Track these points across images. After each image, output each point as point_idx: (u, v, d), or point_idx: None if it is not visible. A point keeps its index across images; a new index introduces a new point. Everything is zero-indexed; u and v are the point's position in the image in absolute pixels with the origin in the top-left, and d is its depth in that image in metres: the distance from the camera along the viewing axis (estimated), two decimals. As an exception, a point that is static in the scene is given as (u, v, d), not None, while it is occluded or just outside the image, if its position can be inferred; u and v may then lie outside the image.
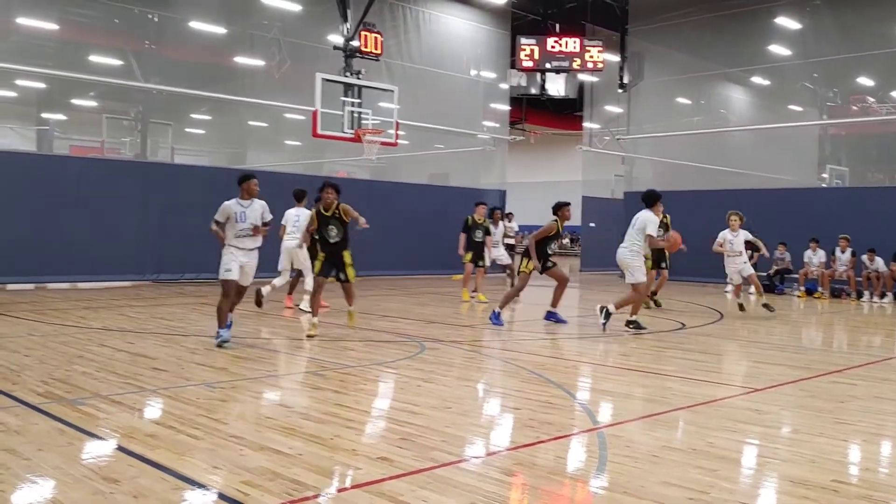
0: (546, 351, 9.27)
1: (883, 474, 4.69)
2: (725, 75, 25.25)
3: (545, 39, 22.52)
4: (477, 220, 14.47)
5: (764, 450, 5.07)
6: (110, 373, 7.01)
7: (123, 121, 20.27)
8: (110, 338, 9.18)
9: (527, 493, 4.17)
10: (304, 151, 23.53)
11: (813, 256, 17.96)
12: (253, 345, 9.00)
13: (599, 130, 26.62)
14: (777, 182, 22.70)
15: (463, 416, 5.85)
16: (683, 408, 6.23)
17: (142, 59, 18.77)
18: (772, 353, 9.52)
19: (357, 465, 4.46)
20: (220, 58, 21.12)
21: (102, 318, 11.10)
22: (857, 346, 11.07)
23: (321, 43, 20.22)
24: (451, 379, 7.38)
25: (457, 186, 23.06)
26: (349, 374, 7.35)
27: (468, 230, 14.42)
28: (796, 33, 22.73)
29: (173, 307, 12.79)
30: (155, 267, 17.13)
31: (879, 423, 5.93)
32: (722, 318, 13.04)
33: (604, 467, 4.52)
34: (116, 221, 16.50)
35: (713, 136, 24.57)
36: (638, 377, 7.71)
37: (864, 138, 23.93)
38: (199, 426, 5.21)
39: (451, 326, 11.38)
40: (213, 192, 17.71)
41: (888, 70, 21.77)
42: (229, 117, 22.14)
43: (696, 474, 4.40)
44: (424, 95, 22.01)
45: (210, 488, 4.01)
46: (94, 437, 4.95)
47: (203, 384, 6.62)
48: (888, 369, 8.54)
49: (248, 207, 8.85)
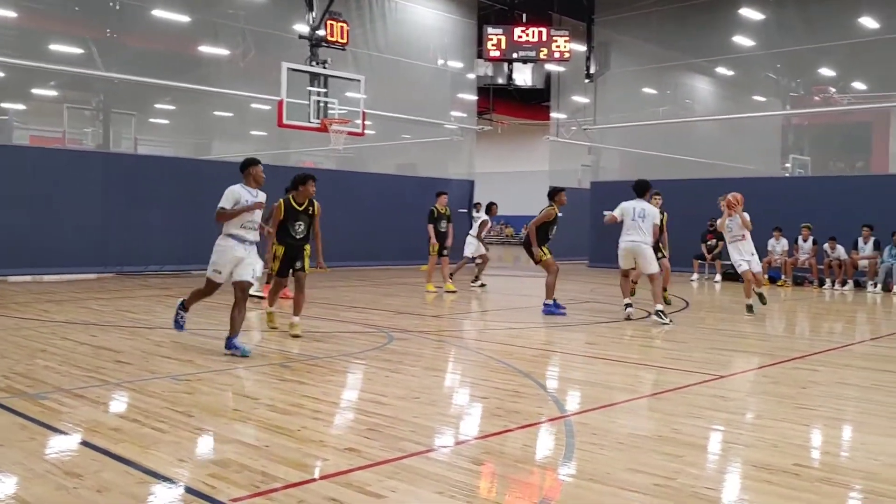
0: (514, 340, 9.31)
1: (843, 458, 4.78)
2: (691, 66, 25.48)
3: (512, 29, 22.54)
4: (441, 211, 14.48)
5: (728, 435, 5.14)
6: (73, 366, 6.91)
7: (85, 110, 19.93)
8: (73, 331, 9.04)
9: (495, 481, 4.18)
10: (269, 141, 23.33)
11: (776, 245, 18.23)
12: (219, 337, 8.91)
13: (566, 120, 26.72)
14: (741, 171, 23.00)
15: (431, 406, 5.85)
16: (650, 395, 6.29)
17: (103, 47, 18.44)
18: (736, 341, 9.65)
19: (324, 457, 4.44)
20: (184, 47, 20.82)
21: (65, 311, 10.93)
22: (818, 332, 11.26)
23: (287, 32, 20.04)
24: (419, 369, 7.38)
25: (424, 177, 23.02)
26: (316, 366, 7.31)
27: (434, 221, 14.42)
28: (760, 24, 23.00)
29: (137, 300, 12.64)
30: (118, 259, 16.90)
31: (840, 408, 6.04)
32: (688, 307, 13.18)
33: (571, 455, 4.55)
34: (79, 213, 16.25)
35: (679, 126, 24.80)
36: (605, 365, 7.77)
37: (826, 128, 24.32)
38: (164, 419, 5.16)
39: (419, 317, 11.38)
40: (177, 183, 17.71)
41: (850, 61, 22.13)
42: (194, 107, 21.86)
43: (662, 461, 4.45)
44: (391, 85, 21.93)
45: (176, 481, 3.97)
46: (57, 431, 4.87)
47: (168, 377, 6.55)
48: (849, 355, 8.70)
49: (257, 197, 7.73)
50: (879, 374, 7.41)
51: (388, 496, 3.80)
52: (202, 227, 17.63)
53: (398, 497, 3.80)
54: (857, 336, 11.01)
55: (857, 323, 12.57)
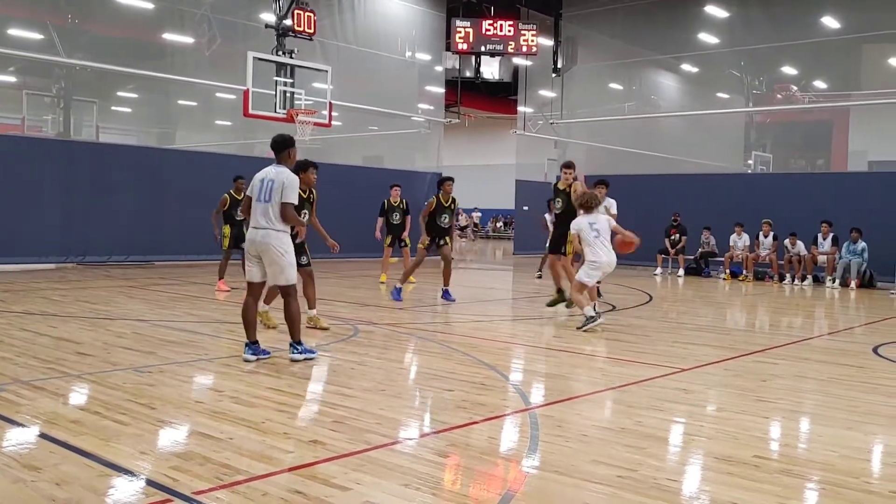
0: (479, 333, 9.33)
1: (802, 450, 4.87)
2: (656, 62, 25.72)
3: (480, 22, 22.55)
4: (393, 203, 14.57)
5: (690, 428, 5.21)
6: (32, 357, 6.78)
7: (45, 97, 19.52)
8: (32, 322, 8.87)
9: (460, 473, 4.19)
10: (235, 132, 23.11)
11: (738, 240, 18.48)
12: (183, 328, 8.82)
13: (533, 114, 26.82)
14: (705, 167, 23.28)
15: (396, 399, 5.85)
16: (613, 388, 6.35)
17: (64, 33, 18.05)
18: (698, 334, 9.78)
19: (288, 449, 4.42)
20: (147, 34, 20.48)
21: (23, 301, 10.72)
22: (778, 327, 11.44)
23: (253, 21, 19.83)
24: (384, 361, 7.36)
25: (391, 169, 22.94)
26: (281, 358, 7.26)
27: (385, 213, 14.56)
28: (725, 22, 23.30)
29: (99, 290, 12.44)
30: (80, 249, 16.62)
31: (799, 400, 6.16)
32: (651, 301, 13.32)
33: (536, 447, 4.58)
34: (38, 202, 15.94)
35: (644, 122, 25.04)
36: (569, 358, 7.82)
37: (788, 126, 24.73)
38: (125, 411, 5.09)
39: (384, 309, 11.35)
40: (140, 172, 17.45)
41: (811, 60, 22.50)
42: (157, 95, 21.54)
43: (626, 452, 4.50)
44: (359, 76, 21.82)
45: (137, 474, 3.92)
46: (15, 423, 4.78)
47: (130, 369, 6.46)
48: (807, 349, 8.86)
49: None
50: (837, 368, 7.55)
51: (354, 488, 3.79)
52: (166, 217, 17.57)
53: (363, 489, 3.79)
54: (816, 330, 11.22)
55: (815, 318, 12.80)
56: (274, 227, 6.72)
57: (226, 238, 12.67)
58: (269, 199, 6.70)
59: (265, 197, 6.72)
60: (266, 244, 6.73)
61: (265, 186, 6.75)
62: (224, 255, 12.83)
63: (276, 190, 6.68)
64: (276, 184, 6.69)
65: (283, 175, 6.74)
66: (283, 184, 6.68)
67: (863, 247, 16.74)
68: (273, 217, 6.71)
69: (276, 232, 6.73)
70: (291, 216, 6.75)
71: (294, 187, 6.72)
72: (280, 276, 6.84)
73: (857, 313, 13.24)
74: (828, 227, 17.26)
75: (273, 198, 6.69)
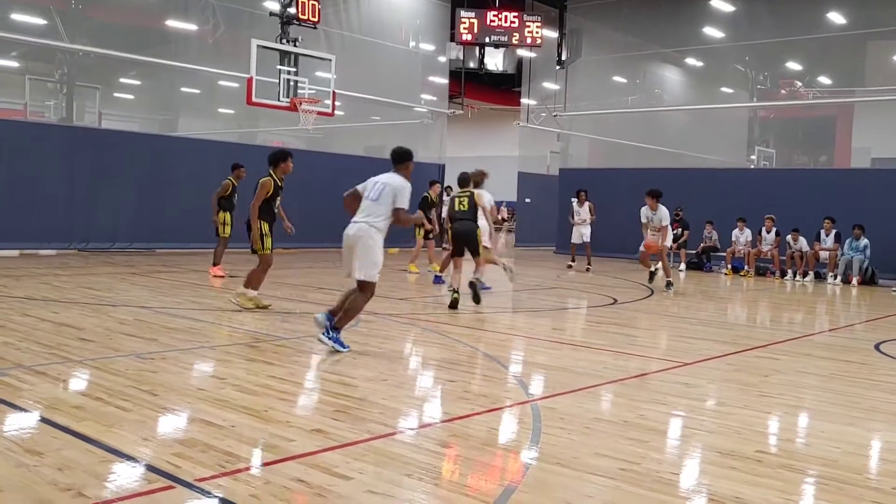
0: (481, 324, 9.33)
1: (804, 445, 4.87)
2: (661, 56, 25.66)
3: (485, 13, 22.46)
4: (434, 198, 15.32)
5: (692, 422, 5.21)
6: (34, 343, 6.78)
7: (48, 83, 19.49)
8: (34, 307, 8.87)
9: (461, 464, 4.19)
10: (238, 119, 23.08)
11: (740, 235, 18.46)
12: (185, 315, 8.82)
13: (537, 106, 26.74)
14: (708, 162, 23.24)
15: (398, 388, 5.85)
16: (615, 381, 6.35)
17: (67, 18, 18.02)
18: (700, 329, 9.78)
19: (291, 438, 4.41)
20: (151, 20, 20.43)
21: (25, 286, 10.71)
22: (780, 322, 11.44)
23: (257, 9, 19.75)
24: (386, 351, 7.37)
25: (394, 159, 22.89)
26: (283, 346, 7.27)
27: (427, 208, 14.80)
28: (730, 16, 23.21)
29: (101, 276, 12.44)
30: (82, 236, 16.59)
31: (800, 396, 6.15)
32: (652, 295, 13.31)
33: (537, 439, 4.58)
34: (40, 187, 15.91)
35: (648, 116, 24.98)
36: (571, 351, 7.82)
37: (791, 121, 24.71)
38: (128, 398, 5.09)
39: (386, 299, 11.33)
40: (143, 159, 17.43)
41: (816, 55, 22.45)
42: (160, 82, 21.48)
43: (628, 445, 4.50)
44: (362, 66, 21.73)
45: (139, 460, 3.92)
46: (17, 408, 4.78)
47: (132, 355, 6.46)
48: (809, 345, 8.86)
49: None
50: (838, 364, 7.55)
51: (356, 478, 3.79)
52: (168, 204, 17.55)
53: (365, 479, 3.79)
54: (817, 326, 11.21)
55: (816, 314, 12.80)
56: (372, 224, 7.03)
57: (226, 226, 12.71)
58: (377, 199, 7.07)
59: (374, 196, 7.11)
60: (358, 237, 7.02)
61: (377, 187, 7.16)
62: (220, 241, 12.86)
63: (387, 193, 7.06)
64: (389, 188, 7.08)
65: (396, 181, 7.15)
66: (396, 189, 7.07)
67: (865, 244, 16.72)
68: (374, 215, 7.04)
69: (372, 229, 7.02)
70: (404, 217, 7.20)
71: (406, 194, 7.10)
72: (361, 270, 7.06)
73: (858, 310, 13.24)
74: (830, 223, 17.23)
75: (381, 199, 7.06)
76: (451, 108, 25.57)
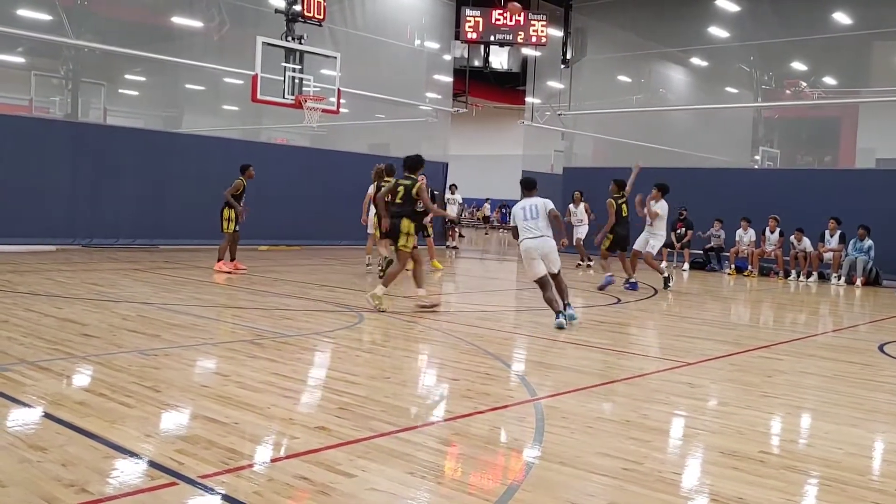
0: (484, 323, 9.33)
1: (807, 446, 4.86)
2: (666, 55, 25.59)
3: (490, 11, 22.42)
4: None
5: (695, 422, 5.21)
6: (37, 338, 6.80)
7: (53, 79, 19.48)
8: (37, 302, 8.89)
9: (464, 462, 4.19)
10: (242, 117, 23.04)
11: (744, 235, 18.42)
12: (188, 312, 8.83)
13: (541, 105, 26.69)
14: (712, 162, 23.19)
15: (401, 386, 5.85)
16: (618, 380, 6.34)
17: (73, 14, 18.00)
18: (703, 329, 9.77)
19: (294, 435, 4.42)
20: (156, 17, 20.41)
21: (29, 282, 10.74)
22: (783, 322, 11.43)
23: (262, 6, 19.72)
24: (389, 349, 7.37)
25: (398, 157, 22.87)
26: (286, 343, 7.27)
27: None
28: (735, 16, 23.14)
29: (105, 272, 12.46)
30: (86, 232, 16.62)
31: (803, 396, 6.14)
32: (655, 294, 13.30)
33: (540, 438, 4.58)
34: (45, 183, 15.94)
35: (652, 115, 24.92)
36: (574, 350, 7.81)
37: (796, 122, 24.63)
38: (131, 394, 5.10)
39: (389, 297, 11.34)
40: (147, 155, 17.45)
41: (821, 55, 22.37)
42: (165, 79, 21.46)
43: (630, 445, 4.50)
44: (367, 63, 21.71)
45: (142, 456, 3.93)
46: (21, 404, 4.79)
47: (136, 351, 6.47)
48: (812, 345, 8.85)
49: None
50: (842, 365, 7.54)
51: (359, 475, 3.79)
52: (172, 201, 17.57)
53: (368, 476, 3.79)
54: (821, 327, 11.20)
55: (820, 314, 12.78)
56: (548, 234, 8.93)
57: (232, 222, 12.81)
58: (537, 216, 8.92)
59: (532, 215, 8.95)
60: (550, 246, 8.91)
61: (530, 210, 8.99)
62: (227, 237, 12.93)
63: (542, 210, 8.94)
64: (540, 205, 8.98)
65: (539, 199, 9.08)
66: (545, 204, 9.01)
67: (869, 245, 16.69)
68: (544, 227, 8.91)
69: (551, 238, 8.96)
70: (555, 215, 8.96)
71: (550, 203, 8.99)
72: (558, 264, 9.01)
73: (862, 311, 13.21)
74: (835, 223, 17.19)
75: (540, 215, 8.92)
76: (456, 106, 25.55)
